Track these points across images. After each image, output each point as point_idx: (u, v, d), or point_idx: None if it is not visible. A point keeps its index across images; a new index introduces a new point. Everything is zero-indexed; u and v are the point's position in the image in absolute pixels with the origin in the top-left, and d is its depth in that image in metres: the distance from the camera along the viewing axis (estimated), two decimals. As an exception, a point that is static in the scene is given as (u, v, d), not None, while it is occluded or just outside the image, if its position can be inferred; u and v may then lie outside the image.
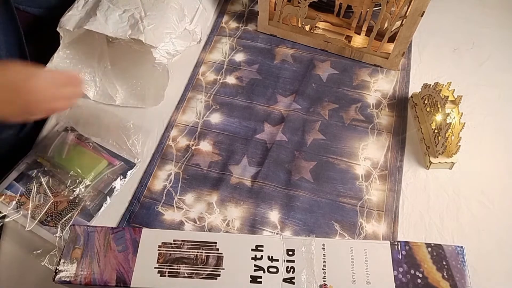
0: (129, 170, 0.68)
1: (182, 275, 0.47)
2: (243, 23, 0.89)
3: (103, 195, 0.65)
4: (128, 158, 0.69)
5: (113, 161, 0.68)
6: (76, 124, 0.72)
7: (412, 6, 0.67)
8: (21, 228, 0.62)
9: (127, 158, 0.69)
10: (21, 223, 0.63)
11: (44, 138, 0.72)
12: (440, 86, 0.67)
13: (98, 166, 0.67)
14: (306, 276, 0.47)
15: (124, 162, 0.69)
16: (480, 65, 0.82)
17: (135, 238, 0.50)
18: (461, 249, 0.49)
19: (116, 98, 0.75)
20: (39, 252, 0.60)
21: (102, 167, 0.68)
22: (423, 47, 0.84)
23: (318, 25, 0.83)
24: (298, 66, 0.82)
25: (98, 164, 0.67)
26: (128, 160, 0.69)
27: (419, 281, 0.47)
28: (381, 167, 0.69)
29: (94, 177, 0.66)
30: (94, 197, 0.65)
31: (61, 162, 0.67)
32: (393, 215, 0.64)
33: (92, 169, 0.67)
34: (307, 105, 0.76)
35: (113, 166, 0.68)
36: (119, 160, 0.69)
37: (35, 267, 0.59)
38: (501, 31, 0.87)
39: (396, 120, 0.74)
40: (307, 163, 0.69)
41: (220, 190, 0.67)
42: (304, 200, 0.66)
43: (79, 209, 0.64)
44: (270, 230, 0.63)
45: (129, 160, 0.69)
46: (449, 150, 0.66)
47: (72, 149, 0.69)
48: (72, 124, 0.72)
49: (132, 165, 0.69)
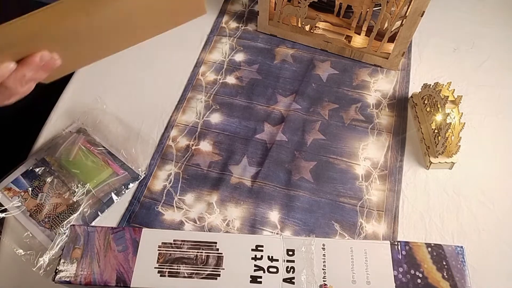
0: (132, 182, 0.67)
1: (182, 275, 0.47)
2: (243, 23, 0.89)
3: (101, 204, 0.64)
4: (133, 169, 0.68)
5: (118, 170, 0.67)
6: (90, 127, 0.72)
7: (412, 6, 0.67)
8: (21, 228, 0.62)
9: (133, 169, 0.68)
10: (20, 220, 0.62)
11: (56, 137, 0.71)
12: (440, 86, 0.67)
13: (102, 174, 0.66)
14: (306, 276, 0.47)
15: (129, 172, 0.67)
16: (480, 65, 0.82)
17: (135, 238, 0.50)
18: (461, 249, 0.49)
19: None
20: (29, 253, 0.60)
21: (106, 176, 0.67)
22: (423, 47, 0.84)
23: (318, 25, 0.83)
24: (298, 66, 0.82)
25: (102, 171, 0.67)
26: (133, 171, 0.68)
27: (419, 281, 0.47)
28: (381, 167, 0.69)
29: (96, 184, 0.65)
30: (93, 205, 0.64)
31: (67, 164, 0.67)
32: (393, 215, 0.64)
33: (95, 176, 0.66)
34: (307, 105, 0.76)
35: (117, 176, 0.67)
36: (124, 170, 0.67)
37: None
38: (501, 31, 0.87)
39: (396, 120, 0.74)
40: (307, 163, 0.69)
41: (220, 190, 0.67)
42: (304, 200, 0.66)
43: (76, 215, 0.63)
44: (270, 230, 0.63)
45: (134, 171, 0.68)
46: (449, 150, 0.66)
47: (80, 152, 0.68)
48: (86, 127, 0.72)
49: (136, 176, 0.67)
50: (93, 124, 0.72)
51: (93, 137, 0.70)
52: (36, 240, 0.61)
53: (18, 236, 0.62)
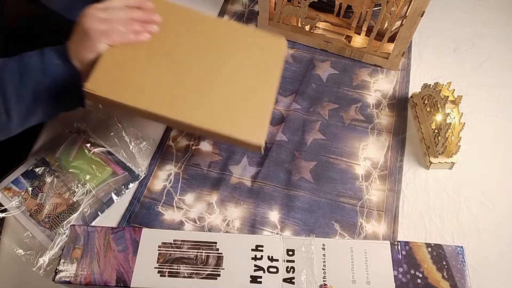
0: (132, 182, 0.66)
1: (182, 275, 0.47)
2: (243, 23, 0.89)
3: (101, 204, 0.64)
4: (133, 169, 0.68)
5: (118, 170, 0.67)
6: (90, 128, 0.71)
7: (412, 6, 0.67)
8: (21, 228, 0.62)
9: (133, 169, 0.68)
10: (20, 220, 0.62)
11: (56, 136, 0.71)
12: (440, 86, 0.67)
13: (102, 174, 0.66)
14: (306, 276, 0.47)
15: (129, 172, 0.67)
16: (480, 65, 0.82)
17: (135, 238, 0.50)
18: (461, 249, 0.49)
19: None
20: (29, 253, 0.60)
21: (106, 175, 0.67)
22: (423, 47, 0.84)
23: (318, 25, 0.83)
24: (298, 66, 0.82)
25: (102, 171, 0.67)
26: (132, 171, 0.67)
27: (419, 281, 0.47)
28: (381, 167, 0.69)
29: (96, 184, 0.65)
30: (93, 205, 0.64)
31: (67, 164, 0.67)
32: (393, 215, 0.64)
33: (95, 176, 0.66)
34: (307, 105, 0.76)
35: (117, 176, 0.67)
36: (124, 170, 0.67)
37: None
38: (501, 31, 0.87)
39: (396, 120, 0.74)
40: (307, 163, 0.69)
41: (220, 190, 0.67)
42: (304, 200, 0.66)
43: (76, 215, 0.63)
44: (270, 230, 0.63)
45: (133, 171, 0.67)
46: (449, 150, 0.66)
47: (80, 152, 0.68)
48: (86, 127, 0.71)
49: (136, 176, 0.67)
50: (93, 124, 0.72)
51: (93, 137, 0.70)
52: (36, 240, 0.61)
53: (18, 236, 0.62)
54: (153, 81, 0.56)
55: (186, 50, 0.60)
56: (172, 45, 0.60)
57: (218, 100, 0.56)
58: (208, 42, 0.61)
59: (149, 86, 0.56)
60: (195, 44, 0.61)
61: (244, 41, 0.63)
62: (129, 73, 0.57)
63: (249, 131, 0.55)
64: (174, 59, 0.59)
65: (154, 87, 0.56)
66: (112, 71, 0.56)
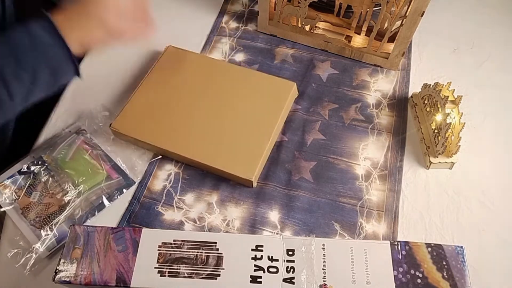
0: (125, 188, 0.66)
1: (182, 275, 0.47)
2: (243, 23, 0.89)
3: (92, 207, 0.64)
4: (128, 175, 0.67)
5: (112, 175, 0.67)
6: (89, 129, 0.71)
7: (412, 6, 0.67)
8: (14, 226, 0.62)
9: (128, 174, 0.67)
10: (11, 217, 0.62)
11: (56, 136, 0.71)
12: (440, 86, 0.67)
13: (96, 177, 0.66)
14: (306, 276, 0.47)
15: (123, 177, 0.67)
16: (480, 65, 0.82)
17: (135, 238, 0.50)
18: (461, 249, 0.49)
19: None
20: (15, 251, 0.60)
21: (100, 179, 0.66)
22: (423, 47, 0.84)
23: (318, 25, 0.83)
24: (298, 66, 0.82)
25: (97, 174, 0.66)
26: (127, 176, 0.67)
27: (419, 281, 0.47)
28: (381, 167, 0.69)
29: (89, 187, 0.65)
30: (84, 208, 0.64)
31: (63, 164, 0.67)
32: (393, 215, 0.64)
33: (89, 179, 0.65)
34: (307, 105, 0.76)
35: (111, 180, 0.66)
36: (118, 175, 0.67)
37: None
38: (501, 31, 0.87)
39: (396, 120, 0.74)
40: (307, 163, 0.69)
41: (220, 190, 0.67)
42: (304, 200, 0.66)
43: (66, 216, 0.62)
44: (270, 230, 0.63)
45: (128, 177, 0.67)
46: (449, 150, 0.66)
47: (77, 153, 0.68)
48: (86, 128, 0.71)
49: (130, 182, 0.67)
50: (93, 126, 0.72)
51: (92, 139, 0.70)
52: (25, 238, 0.61)
53: (11, 235, 0.62)
54: (168, 124, 0.68)
55: (200, 95, 0.71)
56: (188, 92, 0.72)
57: (221, 140, 0.67)
58: (221, 87, 0.73)
59: (164, 127, 0.68)
60: (209, 89, 0.72)
61: (255, 86, 0.72)
62: (148, 115, 0.69)
63: (242, 168, 0.64)
64: (188, 104, 0.71)
65: (168, 129, 0.68)
66: (134, 114, 0.69)
